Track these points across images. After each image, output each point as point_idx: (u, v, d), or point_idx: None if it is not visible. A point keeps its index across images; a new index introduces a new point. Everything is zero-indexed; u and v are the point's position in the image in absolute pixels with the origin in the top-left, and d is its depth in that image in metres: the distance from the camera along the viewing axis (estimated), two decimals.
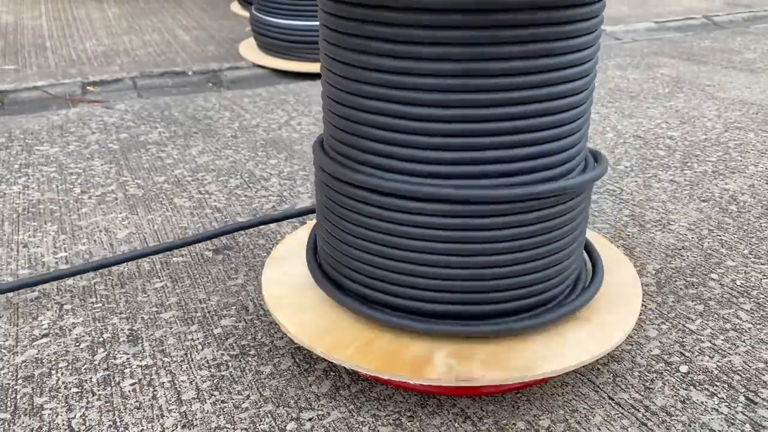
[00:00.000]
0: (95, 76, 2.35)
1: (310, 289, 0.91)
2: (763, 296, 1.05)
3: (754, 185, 1.45)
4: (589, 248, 0.97)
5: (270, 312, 0.97)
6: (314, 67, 2.35)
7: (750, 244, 1.20)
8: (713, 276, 1.10)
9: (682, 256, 1.17)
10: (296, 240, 1.05)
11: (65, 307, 1.03)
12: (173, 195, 1.42)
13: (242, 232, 1.26)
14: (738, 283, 1.08)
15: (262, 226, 1.27)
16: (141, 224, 1.29)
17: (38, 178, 1.50)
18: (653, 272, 1.11)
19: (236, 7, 3.38)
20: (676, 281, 1.09)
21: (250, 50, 2.57)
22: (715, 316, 1.00)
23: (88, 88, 2.29)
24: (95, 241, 1.23)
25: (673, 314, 1.00)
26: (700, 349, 0.93)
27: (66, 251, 1.19)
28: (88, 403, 0.83)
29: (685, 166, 1.57)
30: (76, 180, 1.49)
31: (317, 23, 2.37)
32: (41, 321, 0.99)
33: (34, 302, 1.04)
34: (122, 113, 1.96)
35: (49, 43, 2.77)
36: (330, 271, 0.89)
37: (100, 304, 1.04)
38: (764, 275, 1.10)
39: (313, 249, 0.96)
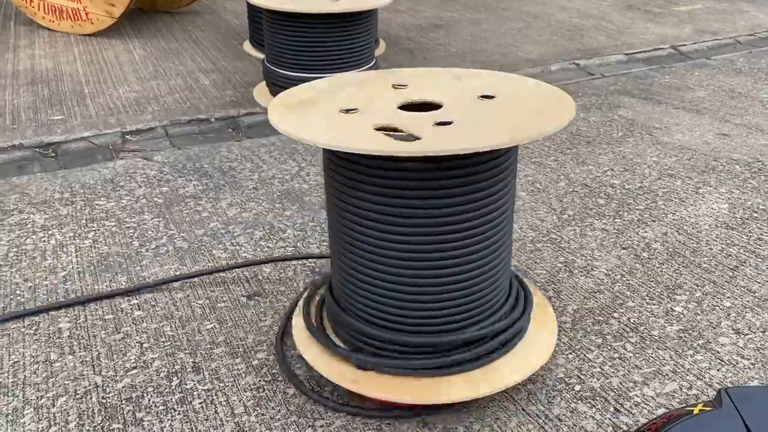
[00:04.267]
0: (132, 125, 2.75)
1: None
2: (647, 331, 1.44)
3: (666, 233, 1.84)
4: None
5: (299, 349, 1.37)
6: None
7: (649, 287, 1.60)
8: (615, 315, 1.50)
9: (596, 298, 1.56)
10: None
11: (144, 345, 1.44)
12: (212, 247, 1.82)
13: (268, 279, 1.66)
14: (632, 321, 1.48)
15: (282, 270, 1.67)
16: (191, 274, 1.70)
17: (103, 233, 1.90)
18: (571, 312, 1.51)
19: (248, 47, 3.77)
20: (587, 319, 1.49)
21: (263, 96, 2.96)
22: (609, 347, 1.40)
23: (127, 137, 2.69)
24: (158, 289, 1.64)
25: (579, 346, 1.40)
26: (591, 373, 1.33)
27: (137, 299, 1.60)
28: (171, 417, 1.24)
29: (617, 214, 1.96)
30: (133, 233, 1.90)
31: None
32: (129, 356, 1.40)
33: (122, 341, 1.45)
34: (161, 166, 2.37)
35: (86, 90, 3.17)
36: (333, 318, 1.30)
37: (169, 342, 1.44)
38: (652, 314, 1.50)
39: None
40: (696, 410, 0.85)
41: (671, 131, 2.59)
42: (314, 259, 1.73)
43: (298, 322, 1.36)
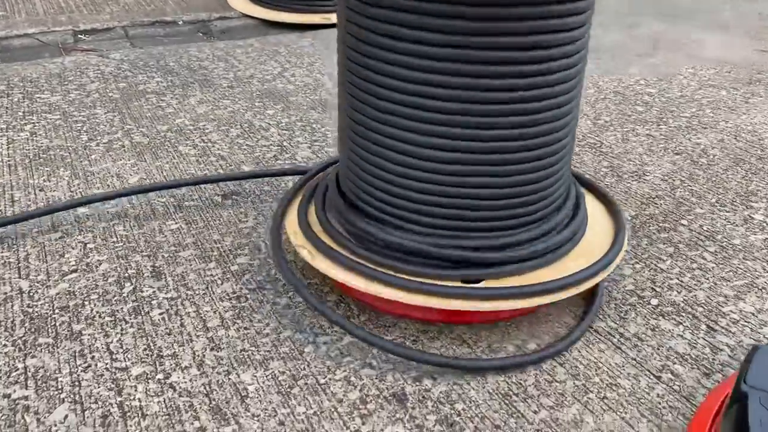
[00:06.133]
0: (86, 24, 2.36)
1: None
2: (726, 240, 1.16)
3: (723, 140, 1.56)
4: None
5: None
6: (303, 18, 2.39)
7: (717, 194, 1.31)
8: (683, 222, 1.21)
9: (655, 204, 1.27)
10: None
11: (89, 246, 1.11)
12: (177, 143, 1.49)
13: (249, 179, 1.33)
14: (705, 229, 1.19)
15: (266, 168, 1.35)
16: (150, 170, 1.36)
17: (44, 125, 1.55)
18: (629, 218, 1.22)
19: None
20: (649, 226, 1.20)
21: (238, 0, 2.59)
22: (684, 257, 1.11)
23: (80, 36, 2.31)
24: (108, 185, 1.30)
25: (646, 255, 1.11)
26: (668, 285, 1.04)
27: (82, 194, 1.26)
28: (122, 330, 0.92)
29: (660, 121, 1.66)
30: (81, 128, 1.55)
31: None
32: (68, 258, 1.07)
33: (59, 241, 1.12)
34: (118, 62, 2.00)
35: None
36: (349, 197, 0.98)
37: (122, 243, 1.12)
38: (728, 221, 1.22)
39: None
40: None
41: (703, 47, 2.29)
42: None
43: (306, 216, 1.04)
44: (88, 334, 0.91)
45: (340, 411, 0.80)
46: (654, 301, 1.00)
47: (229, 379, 0.84)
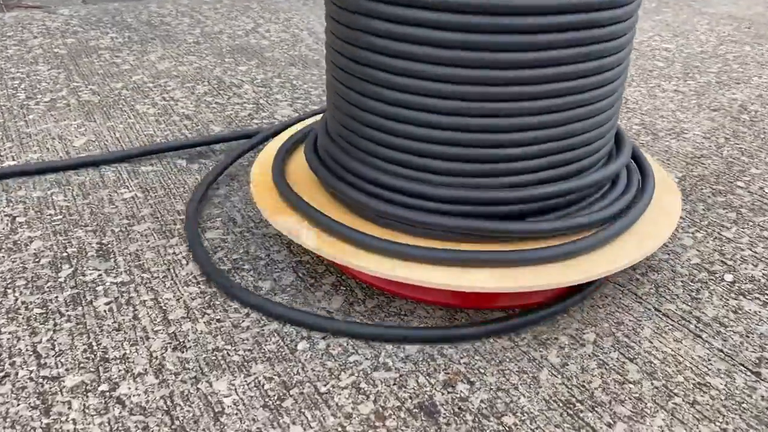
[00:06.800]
0: None
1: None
2: None
3: (762, 95, 1.37)
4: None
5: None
6: None
7: None
8: (739, 184, 1.03)
9: (703, 164, 1.08)
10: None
11: (18, 219, 0.88)
12: (134, 101, 1.26)
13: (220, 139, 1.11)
14: (767, 191, 1.01)
15: (238, 127, 1.13)
16: (100, 131, 1.13)
17: None
18: (676, 180, 1.03)
19: None
20: (702, 189, 1.01)
21: None
22: (750, 223, 0.92)
23: None
24: (48, 149, 1.07)
25: (706, 222, 0.92)
26: (741, 257, 0.85)
27: (14, 160, 1.03)
28: (55, 325, 0.70)
29: (686, 76, 1.48)
30: (19, 85, 1.31)
31: None
32: None
33: None
34: (67, 18, 1.75)
35: None
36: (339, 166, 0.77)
37: (61, 216, 0.89)
38: None
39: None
40: None
41: (712, 3, 2.12)
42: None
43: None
44: (9, 333, 0.69)
45: (349, 431, 0.59)
46: (728, 277, 0.81)
47: (198, 389, 0.63)
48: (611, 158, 0.78)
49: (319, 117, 1.04)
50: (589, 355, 0.68)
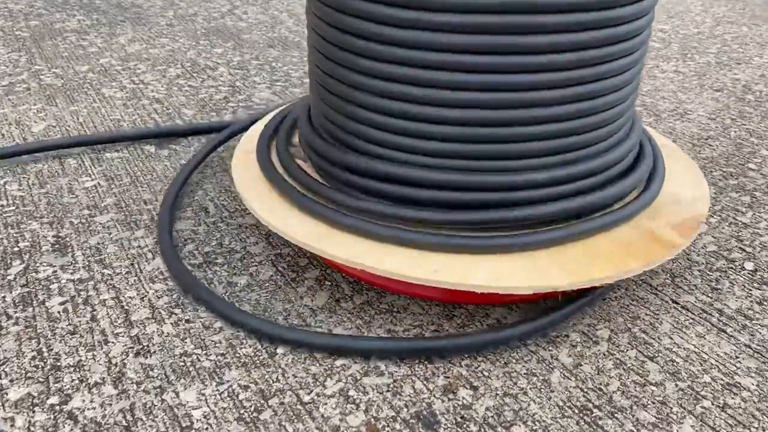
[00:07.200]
0: None
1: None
2: None
3: (765, 75, 1.31)
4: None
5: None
6: None
7: None
8: (751, 166, 0.96)
9: (711, 146, 1.02)
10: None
11: None
12: (100, 85, 1.17)
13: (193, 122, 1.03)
14: None
15: (213, 111, 1.05)
16: (62, 116, 1.04)
17: None
18: None
19: None
20: (712, 171, 0.94)
21: None
22: (767, 207, 0.86)
23: None
24: (3, 135, 0.98)
25: (719, 207, 0.85)
26: (761, 243, 0.78)
27: None
28: (0, 329, 0.62)
29: (685, 57, 1.41)
30: None
31: None
32: None
33: None
34: (31, 0, 1.66)
35: None
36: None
37: (14, 207, 0.80)
38: None
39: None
40: None
41: None
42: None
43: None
44: None
45: None
46: (749, 265, 0.74)
47: (163, 400, 0.55)
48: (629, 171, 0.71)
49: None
50: (605, 354, 0.61)
